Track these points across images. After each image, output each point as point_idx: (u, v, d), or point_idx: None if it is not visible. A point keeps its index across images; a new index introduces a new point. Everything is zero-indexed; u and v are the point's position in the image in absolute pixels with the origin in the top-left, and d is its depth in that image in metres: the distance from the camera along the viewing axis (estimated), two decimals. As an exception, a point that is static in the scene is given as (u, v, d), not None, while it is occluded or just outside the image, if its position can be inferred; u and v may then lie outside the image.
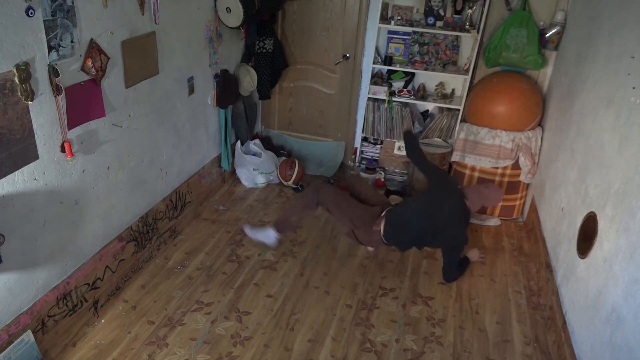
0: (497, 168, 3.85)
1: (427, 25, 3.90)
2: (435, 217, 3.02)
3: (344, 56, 4.30)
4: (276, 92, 4.58)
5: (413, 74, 4.17)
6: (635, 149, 2.17)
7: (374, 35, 3.94)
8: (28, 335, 2.32)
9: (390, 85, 4.11)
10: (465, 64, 3.99)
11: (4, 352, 2.20)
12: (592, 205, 2.55)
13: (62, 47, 2.19)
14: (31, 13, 1.99)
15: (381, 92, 4.09)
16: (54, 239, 2.43)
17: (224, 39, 3.75)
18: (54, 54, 2.15)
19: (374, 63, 4.01)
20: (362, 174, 4.38)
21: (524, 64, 3.79)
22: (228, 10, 3.46)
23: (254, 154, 4.26)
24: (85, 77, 2.39)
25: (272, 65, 4.28)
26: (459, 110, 4.03)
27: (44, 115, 2.19)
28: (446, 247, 3.10)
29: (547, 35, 3.68)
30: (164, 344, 2.60)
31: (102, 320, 2.71)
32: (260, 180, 4.25)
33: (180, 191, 3.53)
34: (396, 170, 4.46)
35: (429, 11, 3.88)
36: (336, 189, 3.25)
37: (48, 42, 2.11)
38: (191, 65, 3.37)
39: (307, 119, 4.64)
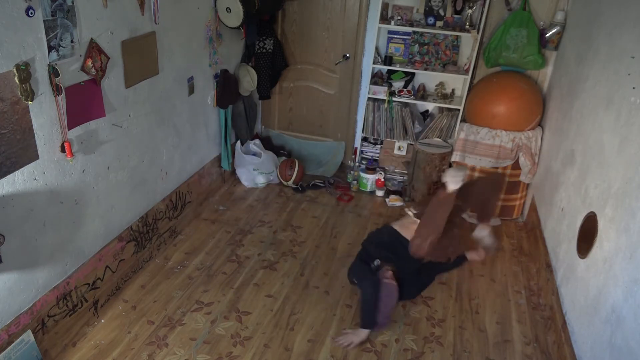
0: (497, 168, 3.85)
1: (427, 25, 3.90)
2: None
3: (344, 56, 4.29)
4: (276, 92, 4.58)
5: (413, 74, 4.17)
6: (635, 149, 2.17)
7: (374, 35, 3.94)
8: (28, 335, 2.32)
9: (390, 85, 4.11)
10: (465, 64, 3.99)
11: (4, 352, 2.19)
12: (592, 205, 2.55)
13: (62, 47, 2.19)
14: (31, 13, 1.99)
15: (381, 92, 4.09)
16: (54, 239, 2.43)
17: (224, 39, 3.74)
18: (54, 54, 2.15)
19: (374, 63, 4.01)
20: (362, 174, 4.35)
21: (524, 64, 3.79)
22: (228, 10, 3.46)
23: (254, 154, 4.26)
24: (85, 77, 2.39)
25: (272, 65, 4.29)
26: (459, 110, 4.03)
27: (44, 115, 2.20)
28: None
29: (547, 35, 3.68)
30: (164, 344, 2.60)
31: (102, 320, 2.71)
32: (260, 180, 4.25)
33: (180, 191, 3.53)
34: (396, 170, 4.45)
35: (429, 11, 3.88)
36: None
37: (48, 42, 2.11)
38: (191, 65, 3.37)
39: (307, 119, 4.64)
